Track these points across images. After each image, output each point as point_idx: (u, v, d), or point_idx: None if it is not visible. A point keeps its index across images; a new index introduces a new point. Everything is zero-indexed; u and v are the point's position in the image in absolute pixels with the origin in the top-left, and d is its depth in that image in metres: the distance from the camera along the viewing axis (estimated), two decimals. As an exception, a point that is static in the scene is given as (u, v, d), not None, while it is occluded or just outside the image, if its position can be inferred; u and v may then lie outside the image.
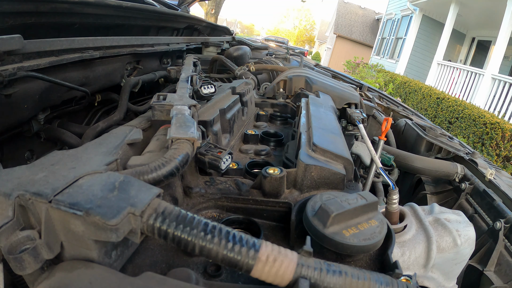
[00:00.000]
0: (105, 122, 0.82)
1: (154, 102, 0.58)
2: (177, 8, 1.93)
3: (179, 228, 0.30)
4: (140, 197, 0.32)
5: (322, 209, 0.40)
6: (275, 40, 14.11)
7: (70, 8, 0.80)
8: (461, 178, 1.12)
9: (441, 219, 0.70)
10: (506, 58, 6.96)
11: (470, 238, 0.68)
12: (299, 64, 1.63)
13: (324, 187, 0.55)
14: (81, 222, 0.30)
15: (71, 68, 0.79)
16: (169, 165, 0.40)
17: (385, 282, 0.30)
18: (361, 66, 10.22)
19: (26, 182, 0.33)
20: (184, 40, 1.55)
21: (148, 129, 0.62)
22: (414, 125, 1.46)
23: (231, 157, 0.55)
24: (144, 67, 1.18)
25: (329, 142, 0.62)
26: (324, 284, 0.29)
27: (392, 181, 0.63)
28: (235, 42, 2.25)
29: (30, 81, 0.66)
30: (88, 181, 0.34)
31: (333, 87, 1.31)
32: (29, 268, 0.30)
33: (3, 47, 0.56)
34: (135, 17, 1.13)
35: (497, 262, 0.84)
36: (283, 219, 0.53)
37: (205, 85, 0.76)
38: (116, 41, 0.94)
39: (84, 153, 0.43)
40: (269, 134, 0.99)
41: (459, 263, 0.70)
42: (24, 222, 0.32)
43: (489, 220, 0.94)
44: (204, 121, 0.67)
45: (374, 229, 0.41)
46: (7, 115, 0.65)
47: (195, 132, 0.47)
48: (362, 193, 0.44)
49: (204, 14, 7.05)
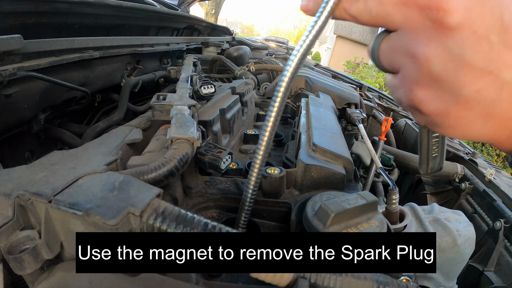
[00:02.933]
0: (105, 122, 0.82)
1: (154, 102, 0.58)
2: (177, 8, 1.93)
3: (179, 228, 0.30)
4: (140, 197, 0.32)
5: (322, 209, 0.40)
6: (275, 40, 14.11)
7: (70, 8, 0.80)
8: (461, 178, 1.12)
9: (441, 219, 0.70)
10: (506, 58, 6.96)
11: (470, 238, 0.68)
12: (299, 64, 1.62)
13: (324, 187, 0.55)
14: (81, 222, 0.30)
15: (71, 68, 0.79)
16: (169, 165, 0.40)
17: (385, 282, 0.30)
18: (361, 66, 10.21)
19: (26, 182, 0.33)
20: (184, 40, 1.55)
21: (148, 129, 0.62)
22: (414, 125, 1.46)
23: (231, 157, 0.55)
24: (144, 67, 1.18)
25: (329, 142, 0.62)
26: (324, 283, 0.29)
27: (392, 181, 0.63)
28: (235, 42, 2.25)
29: (30, 81, 0.66)
30: (88, 181, 0.34)
31: (333, 87, 1.31)
32: (29, 268, 0.30)
33: (3, 47, 0.56)
34: (135, 17, 1.13)
35: (497, 262, 0.84)
36: (283, 219, 0.53)
37: (205, 85, 0.76)
38: (116, 41, 0.94)
39: (84, 153, 0.43)
40: (269, 134, 0.98)
41: (459, 263, 0.70)
42: (24, 222, 0.32)
43: (489, 220, 0.94)
44: (204, 121, 0.67)
45: (374, 229, 0.41)
46: (7, 115, 0.65)
47: (195, 132, 0.47)
48: (362, 193, 0.44)
49: (204, 14, 7.05)
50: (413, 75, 0.23)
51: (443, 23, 0.20)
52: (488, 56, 0.20)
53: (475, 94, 0.21)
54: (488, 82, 0.20)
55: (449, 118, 0.23)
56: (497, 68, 0.20)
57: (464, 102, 0.22)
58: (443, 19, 0.20)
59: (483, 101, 0.21)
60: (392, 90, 0.26)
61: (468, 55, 0.20)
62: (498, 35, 0.20)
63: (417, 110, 0.24)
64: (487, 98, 0.21)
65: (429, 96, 0.23)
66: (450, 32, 0.20)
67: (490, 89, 0.21)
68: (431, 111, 0.23)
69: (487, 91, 0.21)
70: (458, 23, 0.20)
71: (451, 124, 0.23)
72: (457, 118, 0.22)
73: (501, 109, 0.21)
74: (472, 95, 0.21)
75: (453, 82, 0.21)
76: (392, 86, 0.26)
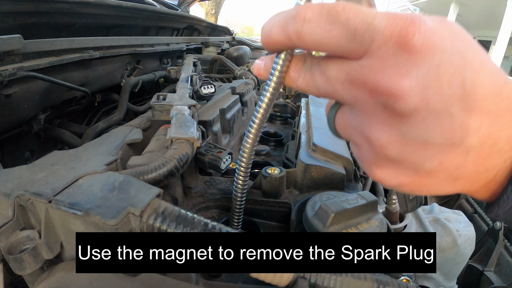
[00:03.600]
0: (105, 122, 0.82)
1: (154, 102, 0.58)
2: (177, 8, 1.93)
3: (179, 228, 0.30)
4: (140, 197, 0.32)
5: (322, 209, 0.40)
6: (275, 40, 14.03)
7: (70, 8, 0.80)
8: (461, 178, 1.12)
9: (441, 219, 0.70)
10: (506, 58, 6.96)
11: (470, 238, 0.68)
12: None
13: (324, 187, 0.55)
14: (81, 222, 0.30)
15: (71, 68, 0.79)
16: (169, 165, 0.40)
17: (385, 282, 0.30)
18: (361, 66, 10.20)
19: (26, 182, 0.33)
20: (184, 40, 1.55)
21: (148, 129, 0.62)
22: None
23: (231, 157, 0.55)
24: (144, 67, 1.18)
25: (329, 142, 0.62)
26: (324, 283, 0.29)
27: (392, 181, 0.63)
28: (235, 42, 2.25)
29: (30, 81, 0.66)
30: (88, 181, 0.34)
31: (333, 87, 1.31)
32: (29, 268, 0.30)
33: (3, 47, 0.56)
34: (135, 17, 1.13)
35: (497, 262, 0.84)
36: (283, 219, 0.53)
37: (205, 85, 0.76)
38: (116, 41, 0.94)
39: (84, 153, 0.43)
40: (269, 134, 0.99)
41: (459, 263, 0.70)
42: (24, 222, 0.32)
43: (489, 220, 0.94)
44: (204, 121, 0.67)
45: (374, 229, 0.41)
46: (7, 115, 0.65)
47: (195, 132, 0.47)
48: (362, 193, 0.44)
49: (204, 14, 7.04)
50: (370, 156, 0.22)
51: (395, 109, 0.18)
52: (449, 130, 0.18)
53: (438, 166, 0.19)
54: (450, 153, 0.19)
55: (413, 187, 0.22)
56: (461, 137, 0.18)
57: (427, 173, 0.20)
58: (394, 105, 0.18)
59: (447, 170, 0.20)
60: (356, 158, 0.25)
61: (426, 135, 0.18)
62: (459, 104, 0.18)
63: (380, 183, 0.23)
64: (451, 166, 0.19)
65: (389, 174, 0.21)
66: (404, 118, 0.18)
67: (453, 158, 0.19)
68: (393, 185, 0.22)
69: (450, 161, 0.19)
70: (413, 107, 0.18)
71: (416, 190, 0.22)
72: (421, 186, 0.21)
73: (468, 171, 0.20)
74: (435, 168, 0.19)
75: (411, 162, 0.20)
76: (355, 155, 0.25)
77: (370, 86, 0.19)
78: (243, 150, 0.35)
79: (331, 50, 0.20)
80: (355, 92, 0.20)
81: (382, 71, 0.18)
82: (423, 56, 0.17)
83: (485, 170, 0.20)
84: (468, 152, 0.19)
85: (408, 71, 0.18)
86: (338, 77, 0.21)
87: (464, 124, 0.18)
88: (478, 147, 0.19)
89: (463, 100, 0.18)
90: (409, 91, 0.17)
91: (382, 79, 0.18)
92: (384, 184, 0.23)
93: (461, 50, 0.18)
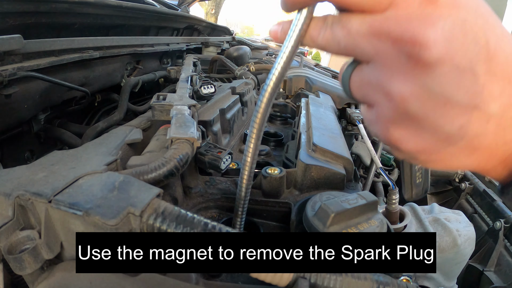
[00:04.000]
0: (105, 122, 0.82)
1: (154, 102, 0.58)
2: (177, 8, 1.93)
3: (179, 228, 0.30)
4: (140, 197, 0.32)
5: (322, 209, 0.40)
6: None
7: (70, 8, 0.80)
8: (461, 178, 1.12)
9: (441, 219, 0.70)
10: (506, 58, 6.96)
11: (470, 238, 0.68)
12: (299, 64, 1.63)
13: (324, 187, 0.55)
14: (81, 222, 0.30)
15: (71, 68, 0.79)
16: (169, 165, 0.40)
17: (385, 282, 0.30)
18: (361, 66, 10.19)
19: (26, 182, 0.33)
20: (184, 40, 1.55)
21: (148, 129, 0.62)
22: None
23: (231, 157, 0.55)
24: (144, 67, 1.18)
25: (329, 142, 0.62)
26: (324, 283, 0.29)
27: (392, 181, 0.63)
28: (235, 42, 2.25)
29: (30, 81, 0.66)
30: (88, 181, 0.34)
31: (333, 87, 1.31)
32: (29, 268, 0.30)
33: (3, 47, 0.56)
34: (135, 17, 1.13)
35: (497, 262, 0.84)
36: (283, 219, 0.53)
37: (205, 85, 0.76)
38: (116, 41, 0.94)
39: (84, 153, 0.43)
40: (269, 134, 0.99)
41: (459, 263, 0.70)
42: (24, 222, 0.32)
43: (489, 220, 0.94)
44: (204, 121, 0.67)
45: (374, 229, 0.41)
46: (7, 115, 0.65)
47: (195, 132, 0.47)
48: (362, 193, 0.44)
49: (204, 14, 7.04)
50: (389, 114, 0.21)
51: (420, 59, 0.18)
52: (472, 90, 0.18)
53: (458, 130, 0.19)
54: (472, 117, 0.18)
55: (430, 155, 0.21)
56: (483, 101, 0.18)
57: (446, 139, 0.20)
58: (419, 54, 0.18)
59: (466, 136, 0.19)
60: (367, 123, 0.24)
61: (449, 92, 0.18)
62: (483, 64, 0.17)
63: (395, 147, 0.23)
64: (471, 133, 0.19)
65: (406, 135, 0.21)
66: (428, 69, 0.18)
67: (474, 124, 0.18)
68: (410, 150, 0.21)
69: (471, 126, 0.19)
70: (438, 58, 0.17)
71: (432, 159, 0.21)
72: (438, 154, 0.21)
73: (487, 142, 0.19)
74: (455, 132, 0.19)
75: (432, 121, 0.19)
76: (367, 120, 0.24)
77: (394, 37, 0.19)
78: (250, 135, 0.34)
79: (356, 3, 0.20)
80: (377, 44, 0.20)
81: (407, 22, 0.18)
82: (449, 10, 0.18)
83: (504, 143, 0.19)
84: (489, 119, 0.18)
85: (434, 22, 0.18)
86: (360, 30, 0.20)
87: (486, 87, 0.18)
88: (499, 116, 0.18)
89: (487, 61, 0.17)
90: (435, 40, 0.17)
91: (407, 28, 0.18)
92: (400, 148, 0.22)
93: (485, 15, 0.18)
